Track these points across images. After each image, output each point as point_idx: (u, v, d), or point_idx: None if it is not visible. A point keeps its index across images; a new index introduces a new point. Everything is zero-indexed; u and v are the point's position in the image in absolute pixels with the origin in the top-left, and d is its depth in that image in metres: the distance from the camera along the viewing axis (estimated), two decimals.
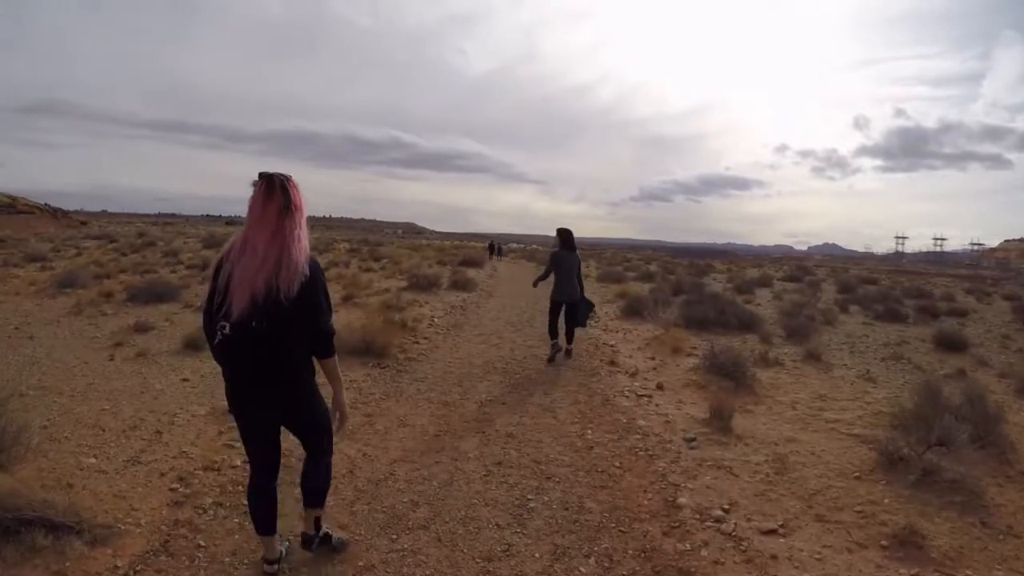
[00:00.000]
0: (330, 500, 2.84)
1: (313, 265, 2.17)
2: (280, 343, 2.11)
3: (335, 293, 10.48)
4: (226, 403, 2.30)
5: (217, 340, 2.11)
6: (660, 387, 5.56)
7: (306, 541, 2.56)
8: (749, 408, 4.96)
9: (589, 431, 4.29)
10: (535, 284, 7.20)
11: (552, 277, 6.76)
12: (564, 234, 6.74)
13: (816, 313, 11.47)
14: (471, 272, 19.36)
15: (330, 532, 2.63)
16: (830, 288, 20.07)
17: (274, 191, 2.09)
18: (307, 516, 2.54)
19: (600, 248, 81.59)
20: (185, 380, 5.35)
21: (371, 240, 42.45)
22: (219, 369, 2.25)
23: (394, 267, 18.74)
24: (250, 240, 2.08)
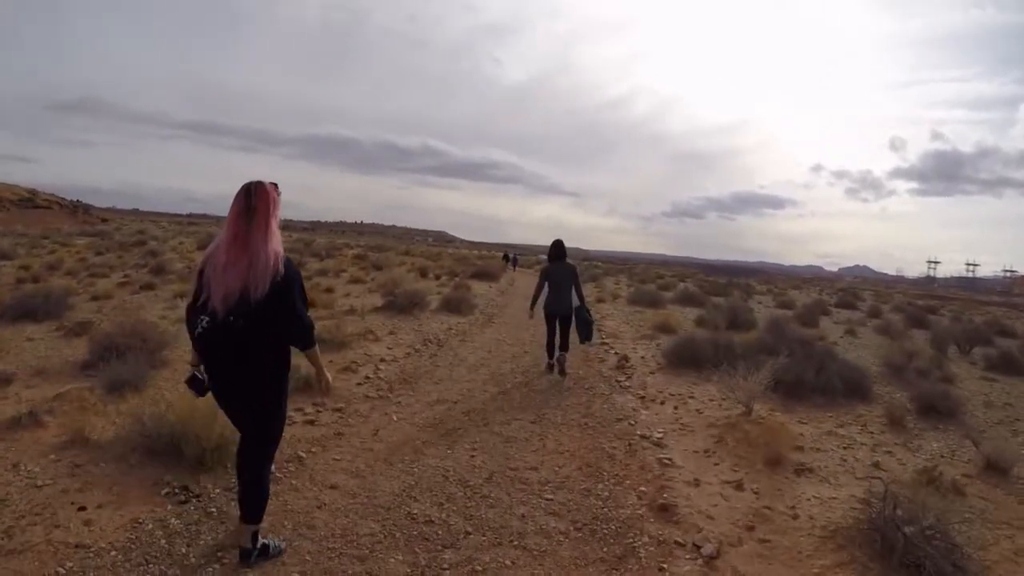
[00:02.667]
0: None
1: (287, 264, 2.27)
2: (255, 337, 2.22)
3: None
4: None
5: (198, 332, 2.24)
6: None
7: (244, 555, 2.45)
8: None
9: None
10: (531, 307, 6.70)
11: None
12: (554, 244, 6.70)
13: (926, 363, 8.20)
14: (480, 287, 16.49)
15: (267, 542, 2.53)
16: (891, 317, 16.80)
17: (239, 197, 2.24)
18: (244, 532, 2.45)
19: (631, 263, 77.83)
20: None
21: (385, 247, 40.20)
22: None
23: (387, 277, 16.00)
24: (222, 242, 2.24)
